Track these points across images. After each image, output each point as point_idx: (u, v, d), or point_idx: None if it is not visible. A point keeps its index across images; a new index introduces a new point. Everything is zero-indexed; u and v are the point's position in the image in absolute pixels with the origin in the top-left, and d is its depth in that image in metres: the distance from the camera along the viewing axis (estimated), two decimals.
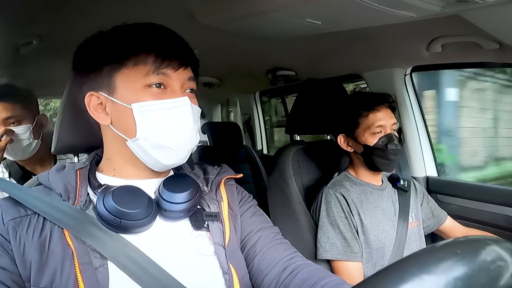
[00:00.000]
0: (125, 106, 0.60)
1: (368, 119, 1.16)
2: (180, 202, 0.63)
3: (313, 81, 1.50)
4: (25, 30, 1.28)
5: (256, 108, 3.06)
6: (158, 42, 0.61)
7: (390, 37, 1.30)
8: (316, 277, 0.61)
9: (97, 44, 0.63)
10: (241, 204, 0.74)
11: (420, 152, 1.61)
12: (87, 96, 0.63)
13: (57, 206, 0.59)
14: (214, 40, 1.43)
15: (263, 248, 0.68)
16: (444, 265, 0.30)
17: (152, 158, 0.62)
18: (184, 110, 0.61)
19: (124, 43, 0.61)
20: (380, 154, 1.15)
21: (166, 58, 0.60)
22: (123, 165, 0.66)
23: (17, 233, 0.56)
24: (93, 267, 0.55)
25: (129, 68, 0.60)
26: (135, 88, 0.60)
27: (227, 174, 0.74)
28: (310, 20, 1.06)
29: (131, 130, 0.61)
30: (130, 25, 0.63)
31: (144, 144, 0.61)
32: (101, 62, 0.61)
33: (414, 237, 1.22)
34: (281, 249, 0.69)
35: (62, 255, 0.55)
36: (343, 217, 1.14)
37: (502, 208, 1.31)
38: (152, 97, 0.60)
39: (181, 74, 0.62)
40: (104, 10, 1.08)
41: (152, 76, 0.59)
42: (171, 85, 0.61)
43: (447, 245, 0.34)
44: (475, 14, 0.91)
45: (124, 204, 0.58)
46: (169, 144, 0.61)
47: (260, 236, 0.70)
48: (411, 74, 1.60)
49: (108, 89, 0.61)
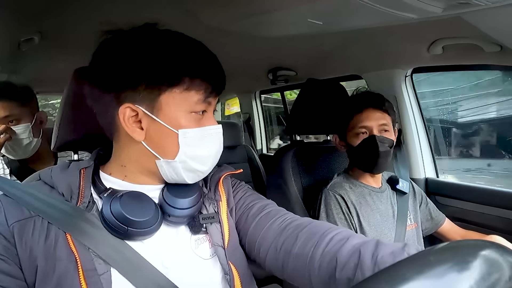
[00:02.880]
0: (170, 130, 0.59)
1: (353, 120, 1.17)
2: (185, 207, 0.62)
3: (313, 81, 1.50)
4: (26, 27, 1.28)
5: (256, 107, 3.06)
6: (211, 69, 0.61)
7: (391, 38, 1.30)
8: (319, 233, 0.60)
9: (135, 54, 0.57)
10: (233, 189, 0.75)
11: (419, 153, 1.61)
12: (123, 108, 0.58)
13: (58, 207, 0.58)
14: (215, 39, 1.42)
15: (257, 217, 0.68)
16: (441, 268, 0.30)
17: (179, 177, 0.63)
18: (220, 137, 0.65)
19: (179, 63, 0.57)
20: (363, 155, 1.16)
21: (216, 87, 0.61)
22: (138, 173, 0.65)
23: (23, 238, 0.54)
24: (97, 274, 0.54)
25: (180, 90, 0.58)
26: (182, 112, 0.59)
27: (225, 172, 0.74)
28: (311, 20, 1.06)
29: (169, 152, 0.60)
30: (166, 33, 0.59)
31: (179, 166, 0.61)
32: (144, 77, 0.57)
33: (412, 239, 1.22)
34: (276, 215, 0.68)
35: (67, 261, 0.54)
36: (343, 219, 1.14)
37: (501, 211, 1.31)
38: (195, 123, 0.60)
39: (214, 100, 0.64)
40: (106, 8, 1.07)
41: (202, 104, 0.60)
42: (208, 111, 0.63)
43: (444, 248, 0.34)
44: (476, 16, 0.91)
45: (132, 211, 0.57)
46: (203, 169, 0.63)
47: (255, 207, 0.70)
48: (411, 75, 1.60)
49: (151, 105, 0.58)
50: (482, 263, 0.31)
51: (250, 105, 3.05)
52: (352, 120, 1.17)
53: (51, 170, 0.64)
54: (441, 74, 1.88)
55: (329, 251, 0.56)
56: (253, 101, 3.03)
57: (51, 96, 4.81)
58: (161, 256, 0.60)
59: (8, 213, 0.56)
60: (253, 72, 2.28)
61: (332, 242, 0.57)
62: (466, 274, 0.30)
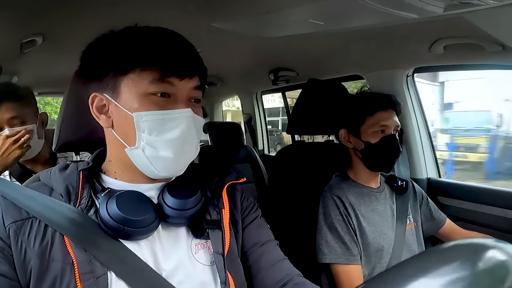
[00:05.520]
0: (127, 113, 0.59)
1: (374, 117, 1.16)
2: (184, 209, 0.61)
3: (314, 82, 1.50)
4: (28, 28, 1.28)
5: (257, 107, 3.06)
6: (166, 50, 0.59)
7: (393, 38, 1.30)
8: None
9: (106, 46, 0.61)
10: (246, 213, 0.73)
11: (421, 153, 1.61)
12: (92, 97, 0.62)
13: (56, 209, 0.57)
14: (216, 40, 1.43)
15: (267, 264, 0.68)
16: (446, 268, 0.30)
17: (149, 168, 0.61)
18: (185, 122, 0.59)
19: (131, 49, 0.59)
20: (380, 154, 1.16)
21: (172, 66, 0.58)
22: (123, 169, 0.64)
23: (18, 238, 0.54)
24: (94, 276, 0.54)
25: (135, 74, 0.58)
26: (139, 95, 0.58)
27: (230, 179, 0.72)
28: (313, 20, 1.06)
29: (131, 138, 0.60)
30: (141, 28, 0.62)
31: (142, 154, 0.59)
32: (108, 65, 0.60)
33: (412, 239, 1.21)
34: (283, 267, 0.69)
35: (63, 263, 0.54)
36: (341, 220, 1.14)
37: (504, 211, 1.30)
38: (155, 106, 0.58)
39: (187, 83, 0.61)
40: (107, 11, 1.08)
41: (157, 84, 0.58)
42: (176, 95, 0.60)
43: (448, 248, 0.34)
44: (478, 16, 0.91)
45: (128, 210, 0.57)
46: (167, 156, 0.59)
47: (264, 252, 0.70)
48: (413, 75, 1.60)
49: (113, 92, 0.60)
50: (486, 262, 0.31)
51: (251, 106, 3.05)
52: (372, 116, 1.16)
53: (50, 171, 0.64)
54: None
55: None
56: (255, 101, 3.03)
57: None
58: (159, 258, 0.60)
59: (5, 214, 0.56)
60: (254, 72, 2.28)
61: None
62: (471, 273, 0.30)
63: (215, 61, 1.76)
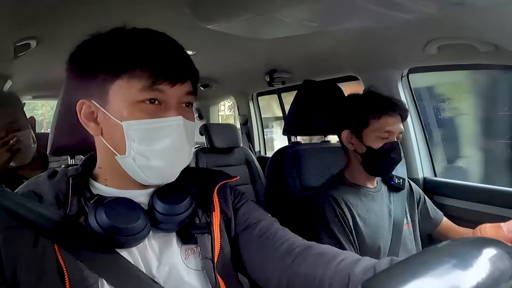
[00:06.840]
0: (116, 122, 0.57)
1: (379, 121, 1.12)
2: (175, 214, 0.60)
3: (310, 83, 1.50)
4: (22, 31, 1.28)
5: (253, 109, 3.06)
6: (155, 56, 0.57)
7: (387, 38, 1.31)
8: (329, 255, 0.59)
9: (93, 49, 0.59)
10: (236, 202, 0.72)
11: (417, 153, 1.62)
12: (79, 104, 0.60)
13: (47, 217, 0.56)
14: (211, 41, 1.43)
15: (263, 237, 0.66)
16: (444, 267, 0.30)
17: (140, 176, 0.59)
18: (177, 130, 0.58)
19: (120, 55, 0.57)
20: (381, 160, 1.14)
21: (162, 74, 0.56)
22: (113, 176, 0.63)
23: (8, 247, 0.53)
24: (85, 285, 0.53)
25: (124, 81, 0.56)
26: (128, 103, 0.56)
27: (221, 180, 0.71)
28: (307, 21, 1.06)
29: (121, 146, 0.58)
30: (129, 30, 0.60)
31: (133, 163, 0.58)
32: (96, 70, 0.57)
33: (409, 238, 1.21)
34: (283, 237, 0.66)
35: (53, 272, 0.53)
36: (337, 221, 1.13)
37: (499, 209, 1.31)
38: (145, 114, 0.56)
39: (178, 89, 0.58)
40: (101, 12, 1.07)
41: (146, 92, 0.56)
42: (166, 101, 0.58)
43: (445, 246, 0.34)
44: (471, 16, 0.92)
45: (118, 218, 0.56)
46: (158, 165, 0.58)
47: (259, 226, 0.68)
48: (407, 75, 1.61)
49: (101, 99, 0.58)
50: (485, 260, 0.31)
51: (247, 107, 3.06)
52: (377, 120, 1.12)
53: (39, 178, 0.63)
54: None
55: (340, 270, 0.55)
56: (250, 103, 3.03)
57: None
58: (151, 264, 0.59)
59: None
60: (250, 74, 2.28)
61: (343, 263, 0.57)
62: (469, 272, 0.30)
63: (211, 63, 1.77)
